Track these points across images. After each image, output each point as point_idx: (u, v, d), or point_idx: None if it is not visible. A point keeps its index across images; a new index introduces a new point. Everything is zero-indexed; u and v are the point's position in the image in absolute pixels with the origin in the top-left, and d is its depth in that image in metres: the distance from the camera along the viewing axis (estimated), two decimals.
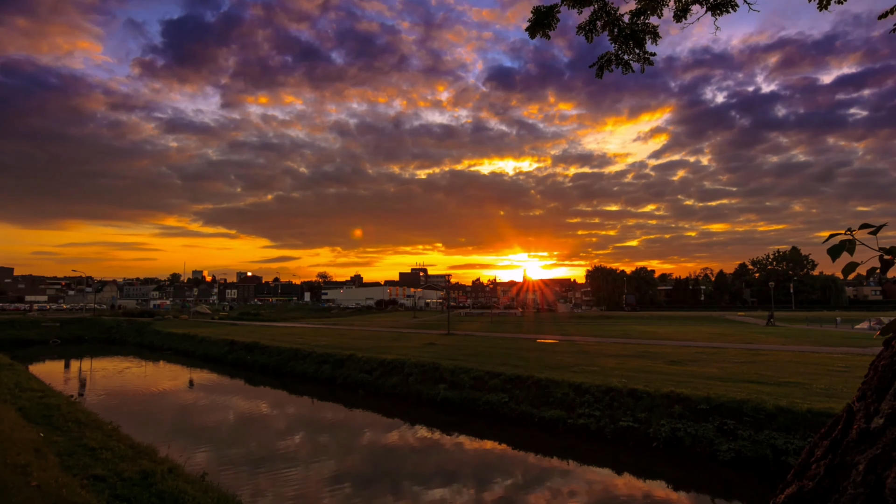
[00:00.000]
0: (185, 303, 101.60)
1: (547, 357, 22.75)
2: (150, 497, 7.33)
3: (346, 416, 18.64)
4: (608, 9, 4.27)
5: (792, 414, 12.15)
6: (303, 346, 29.18)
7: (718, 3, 4.08)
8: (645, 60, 4.47)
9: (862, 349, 23.76)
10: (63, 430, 10.67)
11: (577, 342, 30.17)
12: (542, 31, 4.32)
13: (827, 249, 1.52)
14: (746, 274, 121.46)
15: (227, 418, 18.38)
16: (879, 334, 1.42)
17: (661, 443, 13.17)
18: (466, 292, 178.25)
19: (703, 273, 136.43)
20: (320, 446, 14.82)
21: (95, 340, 48.02)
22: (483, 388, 18.23)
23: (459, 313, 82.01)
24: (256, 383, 25.45)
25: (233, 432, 16.34)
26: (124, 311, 69.24)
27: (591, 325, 51.91)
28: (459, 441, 15.22)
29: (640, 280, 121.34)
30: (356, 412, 19.10)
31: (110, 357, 37.44)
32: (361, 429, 16.76)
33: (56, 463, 7.96)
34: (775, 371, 17.59)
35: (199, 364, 32.20)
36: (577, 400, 15.71)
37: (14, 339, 44.74)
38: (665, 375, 17.25)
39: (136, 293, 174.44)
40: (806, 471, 1.29)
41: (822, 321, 54.91)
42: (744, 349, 25.09)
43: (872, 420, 1.18)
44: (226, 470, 12.37)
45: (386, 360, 22.80)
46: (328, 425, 17.35)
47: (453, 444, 14.94)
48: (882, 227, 1.43)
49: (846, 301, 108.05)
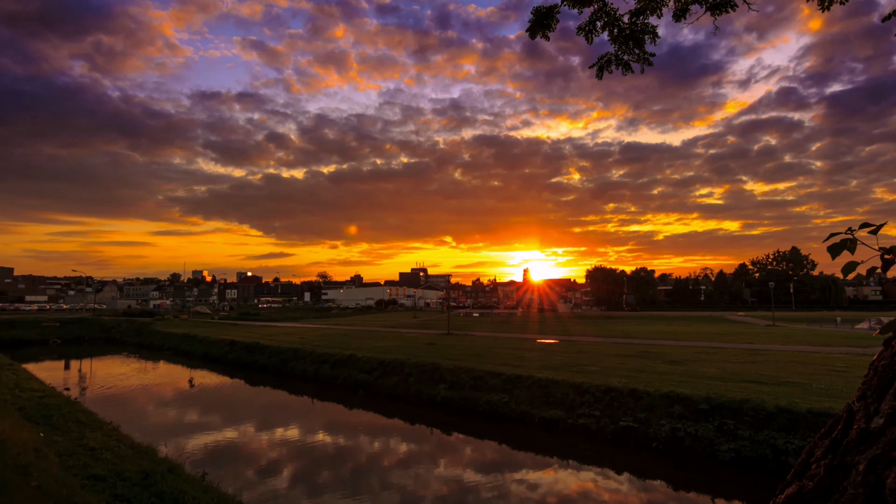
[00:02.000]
0: (185, 303, 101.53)
1: (547, 357, 22.74)
2: (150, 497, 7.33)
3: (345, 416, 18.63)
4: (608, 9, 4.27)
5: (792, 414, 12.15)
6: (303, 346, 29.17)
7: (718, 3, 4.07)
8: (644, 61, 4.47)
9: (862, 349, 23.75)
10: (63, 430, 10.67)
11: (577, 342, 30.16)
12: (542, 31, 4.31)
13: (827, 248, 1.52)
14: (746, 274, 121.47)
15: (227, 418, 18.37)
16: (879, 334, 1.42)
17: (661, 443, 13.17)
18: (466, 292, 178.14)
19: (702, 273, 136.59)
20: (320, 446, 14.81)
21: (95, 340, 48.01)
22: (483, 388, 18.23)
23: (459, 313, 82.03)
24: (256, 383, 25.44)
25: (233, 432, 16.33)
26: (124, 311, 69.15)
27: (591, 325, 51.92)
28: (459, 441, 15.22)
29: (640, 280, 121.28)
30: (356, 412, 19.10)
31: (110, 357, 37.44)
32: (361, 429, 16.76)
33: (56, 463, 7.96)
34: (775, 371, 17.59)
35: (199, 364, 32.19)
36: (577, 400, 15.71)
37: (14, 339, 44.73)
38: (665, 375, 17.25)
39: (135, 293, 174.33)
40: (806, 471, 1.29)
41: (822, 321, 54.94)
42: (743, 349, 25.08)
43: (872, 420, 1.17)
44: (226, 470, 12.37)
45: (386, 360, 22.79)
46: (328, 425, 17.34)
47: (453, 444, 14.94)
48: (882, 226, 1.43)
49: (846, 301, 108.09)
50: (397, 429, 16.77)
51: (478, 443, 15.02)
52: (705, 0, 4.12)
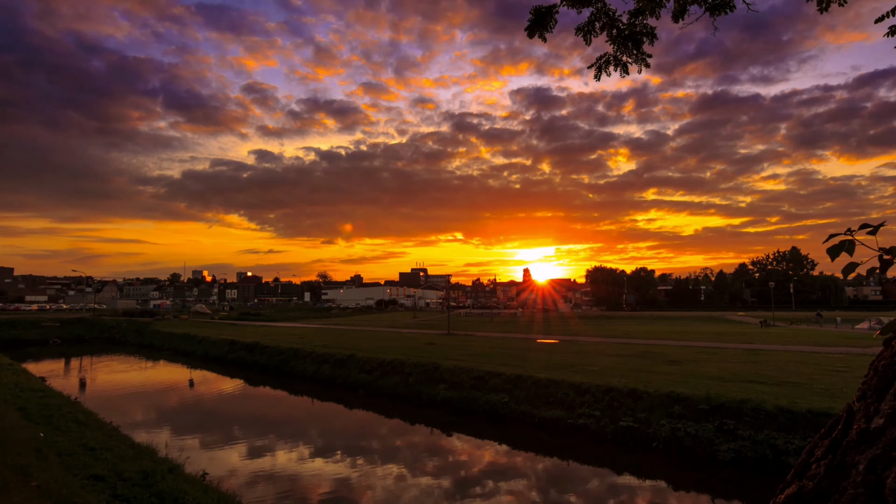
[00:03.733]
0: (185, 303, 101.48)
1: (547, 357, 22.74)
2: (150, 497, 7.33)
3: (345, 416, 18.63)
4: (607, 9, 4.27)
5: (792, 414, 12.15)
6: (303, 346, 29.17)
7: (717, 4, 4.08)
8: (642, 61, 4.47)
9: (862, 349, 23.74)
10: (63, 430, 10.66)
11: (577, 342, 30.16)
12: (540, 31, 4.32)
13: (826, 249, 1.52)
14: (746, 274, 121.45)
15: (227, 418, 18.37)
16: (879, 334, 1.42)
17: (661, 443, 13.17)
18: (466, 292, 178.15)
19: (703, 273, 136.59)
20: (320, 447, 14.80)
21: (95, 340, 48.00)
22: (483, 388, 18.22)
23: (459, 313, 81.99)
24: (257, 383, 25.44)
25: (233, 432, 16.33)
26: (124, 311, 69.08)
27: (591, 325, 51.92)
28: (459, 441, 15.22)
29: (640, 280, 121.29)
30: (356, 412, 19.09)
31: (110, 357, 37.44)
32: (361, 429, 16.76)
33: (56, 463, 7.96)
34: (775, 371, 17.59)
35: (199, 364, 32.19)
36: (577, 400, 15.71)
37: (14, 339, 44.72)
38: (665, 375, 17.25)
39: (136, 293, 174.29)
40: (806, 471, 1.29)
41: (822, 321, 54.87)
42: (744, 349, 25.08)
43: (872, 420, 1.18)
44: (226, 469, 12.37)
45: (386, 360, 22.79)
46: (327, 426, 17.34)
47: (453, 444, 14.94)
48: (881, 227, 1.43)
49: (846, 301, 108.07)
50: (397, 428, 16.76)
51: (478, 443, 15.02)
52: (704, 1, 4.12)
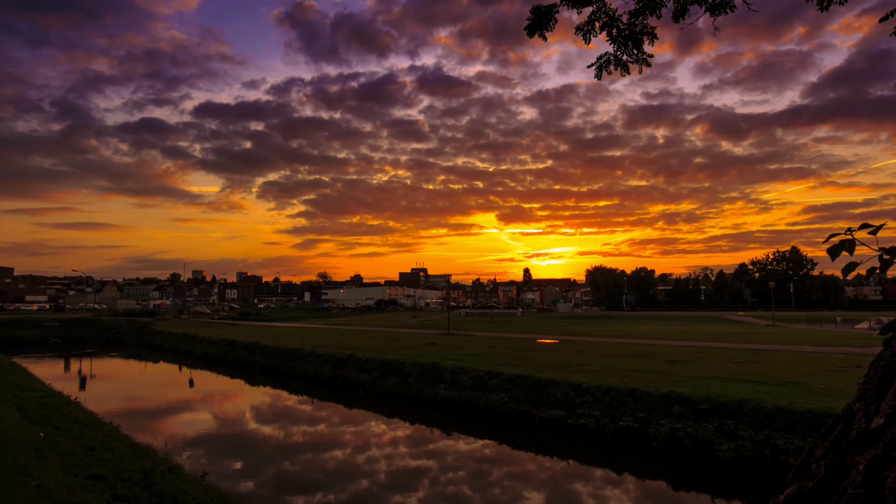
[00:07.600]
0: (185, 303, 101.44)
1: (547, 357, 22.74)
2: (150, 497, 7.33)
3: (345, 416, 18.62)
4: (607, 9, 4.27)
5: (792, 414, 12.14)
6: (303, 346, 29.15)
7: (717, 4, 4.08)
8: (643, 62, 4.47)
9: (862, 349, 23.74)
10: (63, 430, 10.66)
11: (577, 342, 30.16)
12: (540, 31, 4.32)
13: (826, 249, 1.52)
14: (746, 274, 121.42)
15: (227, 418, 18.37)
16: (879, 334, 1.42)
17: (661, 443, 13.17)
18: (466, 292, 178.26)
19: (702, 273, 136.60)
20: (320, 447, 14.80)
21: (95, 340, 47.97)
22: (483, 388, 18.22)
23: (459, 313, 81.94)
24: (256, 383, 25.44)
25: (233, 432, 16.33)
26: (124, 311, 68.95)
27: (591, 325, 51.93)
28: (459, 441, 15.22)
29: (640, 280, 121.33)
30: (356, 412, 19.09)
31: (110, 357, 37.44)
32: (361, 429, 16.75)
33: (56, 463, 7.96)
34: (775, 371, 17.58)
35: (199, 364, 32.17)
36: (577, 400, 15.70)
37: (14, 338, 44.71)
38: (665, 375, 17.24)
39: (135, 293, 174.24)
40: (806, 471, 1.29)
41: (823, 321, 54.92)
42: (743, 349, 25.07)
43: (872, 420, 1.17)
44: (226, 469, 12.37)
45: (386, 360, 22.78)
46: (327, 425, 17.34)
47: (452, 445, 14.94)
48: (881, 227, 1.43)
49: (846, 301, 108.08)
50: (396, 428, 16.76)
51: (477, 442, 15.02)
52: (705, 1, 4.12)
